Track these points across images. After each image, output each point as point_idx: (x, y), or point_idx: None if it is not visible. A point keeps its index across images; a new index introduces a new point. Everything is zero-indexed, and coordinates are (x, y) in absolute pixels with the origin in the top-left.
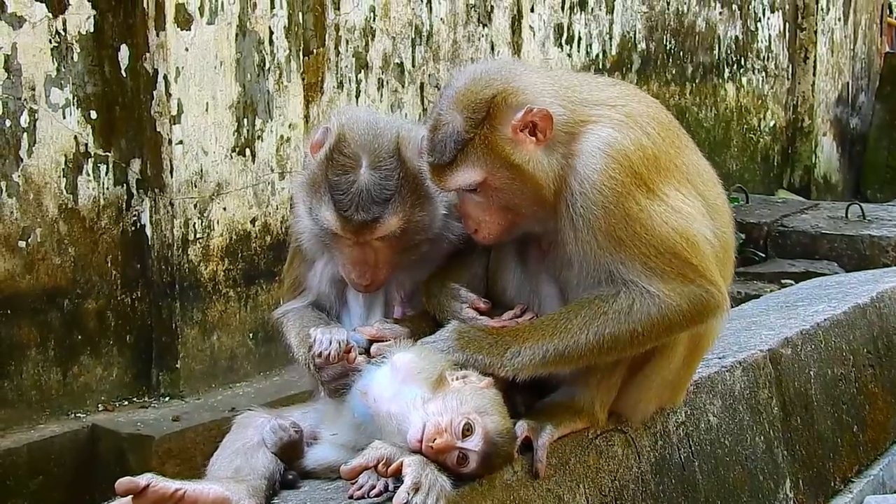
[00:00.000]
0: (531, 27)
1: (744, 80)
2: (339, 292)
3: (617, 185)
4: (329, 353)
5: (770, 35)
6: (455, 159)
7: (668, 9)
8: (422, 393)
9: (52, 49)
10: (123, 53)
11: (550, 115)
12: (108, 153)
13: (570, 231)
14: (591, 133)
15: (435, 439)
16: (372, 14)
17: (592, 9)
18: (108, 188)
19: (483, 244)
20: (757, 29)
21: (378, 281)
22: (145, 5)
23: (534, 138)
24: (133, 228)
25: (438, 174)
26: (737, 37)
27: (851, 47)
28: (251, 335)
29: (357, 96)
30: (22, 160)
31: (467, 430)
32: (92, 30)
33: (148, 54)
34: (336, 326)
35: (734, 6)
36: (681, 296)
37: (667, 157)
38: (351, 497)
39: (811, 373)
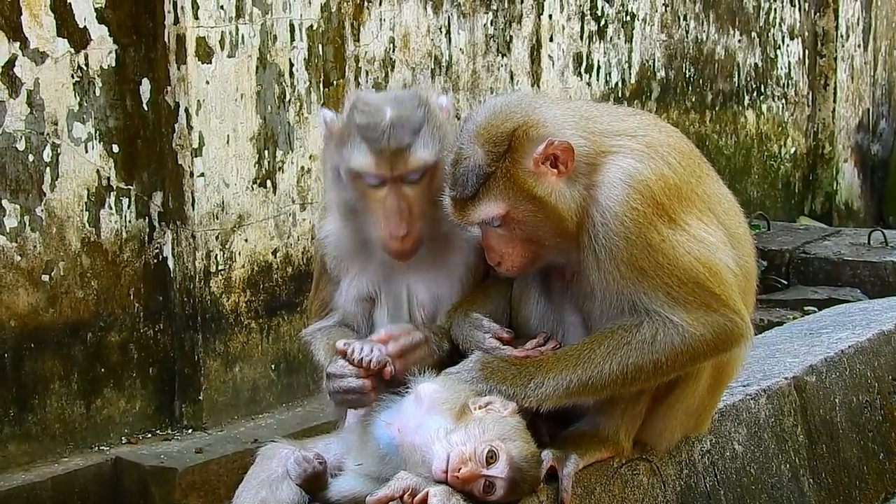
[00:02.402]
0: (550, 56)
1: (764, 107)
2: (365, 312)
3: (638, 216)
4: (370, 360)
5: (790, 62)
6: (477, 193)
7: (687, 37)
8: (445, 423)
9: (74, 84)
10: (145, 87)
11: (571, 146)
12: (130, 186)
13: (592, 262)
14: (611, 164)
15: (460, 469)
16: (391, 45)
17: (611, 37)
18: (130, 221)
19: (507, 277)
20: (776, 56)
21: (413, 234)
22: (166, 39)
23: (555, 170)
24: (155, 261)
25: (461, 208)
26: (756, 64)
27: (872, 74)
28: (273, 366)
29: None
30: (45, 194)
31: (491, 458)
32: (113, 64)
33: (169, 88)
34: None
35: (753, 34)
36: (704, 325)
37: (688, 187)
38: None
39: (836, 400)
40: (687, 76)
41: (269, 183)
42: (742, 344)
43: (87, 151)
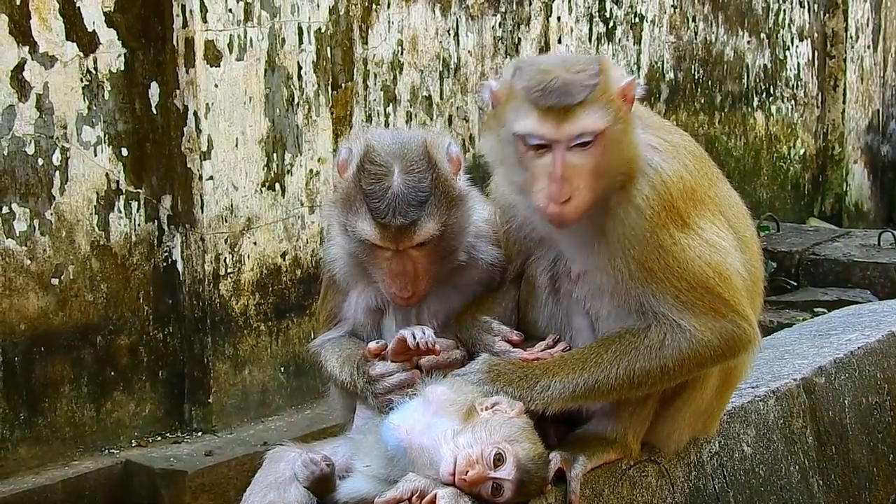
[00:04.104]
0: None
1: (773, 108)
2: (374, 322)
3: (654, 216)
4: (427, 341)
5: (799, 63)
6: (584, 101)
7: (696, 38)
8: (452, 425)
9: (83, 87)
10: (154, 90)
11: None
12: (139, 190)
13: (605, 254)
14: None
15: (467, 471)
16: (400, 48)
17: (620, 39)
18: (139, 224)
19: (560, 223)
20: (786, 57)
21: (419, 292)
22: (175, 42)
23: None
24: (164, 264)
25: (560, 117)
26: (765, 65)
27: (881, 74)
28: (282, 369)
29: None
30: (54, 198)
31: (498, 460)
32: (122, 68)
33: (178, 91)
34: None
35: (762, 35)
36: (712, 331)
37: (701, 189)
38: None
39: (845, 402)
40: (696, 78)
41: (277, 186)
42: (749, 350)
43: (96, 155)
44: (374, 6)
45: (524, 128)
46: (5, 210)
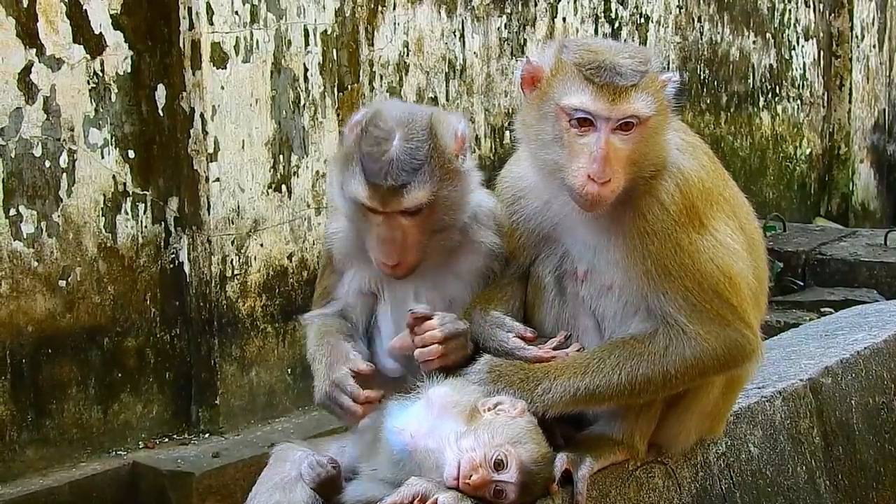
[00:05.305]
0: None
1: (779, 108)
2: (364, 307)
3: (677, 214)
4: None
5: (805, 63)
6: (636, 85)
7: (702, 38)
8: (455, 428)
9: (90, 90)
10: (160, 93)
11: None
12: (146, 192)
13: (620, 249)
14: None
15: (471, 476)
16: (405, 49)
17: (625, 39)
18: (146, 226)
19: (594, 205)
20: (791, 57)
21: (405, 264)
22: (181, 45)
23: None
24: (171, 266)
25: (613, 95)
26: (771, 65)
27: (887, 74)
28: (289, 370)
29: None
30: (61, 200)
31: (501, 464)
32: (129, 70)
33: (184, 93)
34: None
35: (768, 35)
36: (717, 339)
37: (717, 191)
38: None
39: (852, 402)
40: (701, 78)
41: (284, 187)
42: (752, 360)
43: (103, 157)
44: (379, 8)
45: (575, 102)
46: (13, 212)
